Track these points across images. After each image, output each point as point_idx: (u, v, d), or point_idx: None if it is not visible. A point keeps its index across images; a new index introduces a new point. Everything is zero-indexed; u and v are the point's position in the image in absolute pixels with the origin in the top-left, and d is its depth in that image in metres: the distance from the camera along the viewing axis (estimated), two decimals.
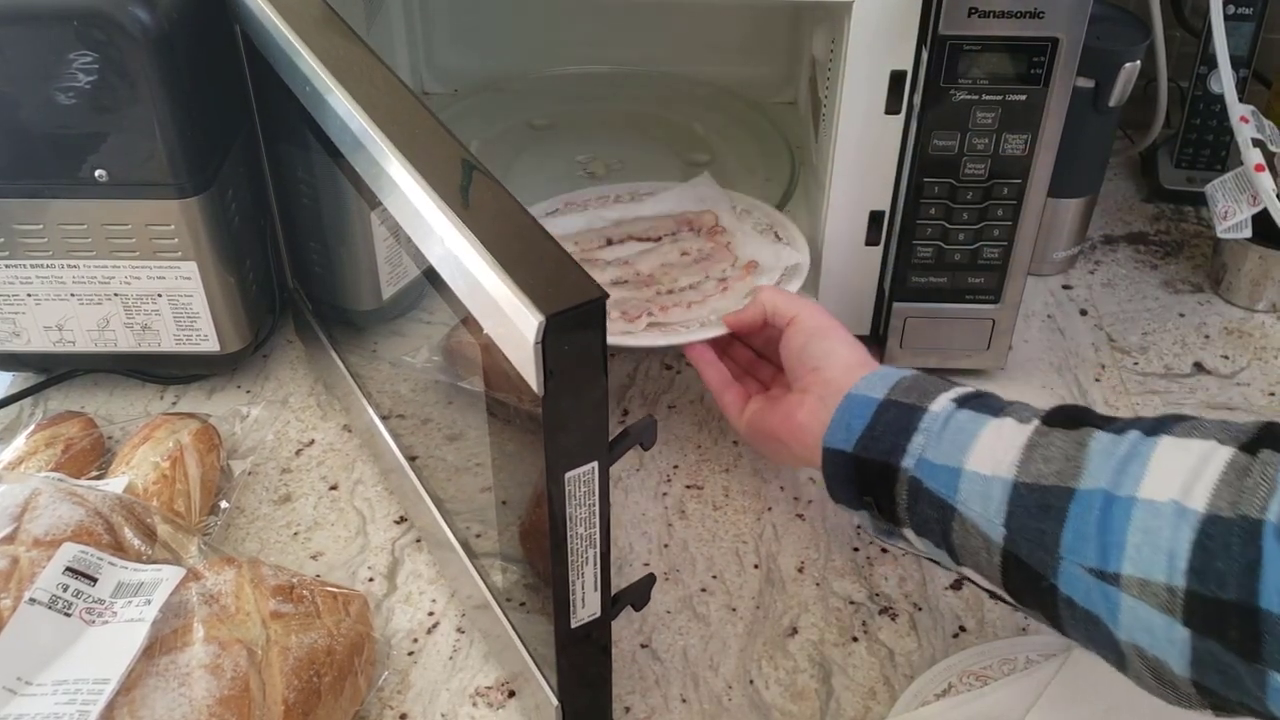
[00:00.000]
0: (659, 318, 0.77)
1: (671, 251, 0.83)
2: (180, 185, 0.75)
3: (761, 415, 0.69)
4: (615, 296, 0.77)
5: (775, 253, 0.82)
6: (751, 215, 0.87)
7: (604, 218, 0.86)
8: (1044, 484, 0.52)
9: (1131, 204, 1.07)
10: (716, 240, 0.84)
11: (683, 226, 0.85)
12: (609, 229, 0.85)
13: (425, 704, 0.65)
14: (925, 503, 0.57)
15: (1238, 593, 0.45)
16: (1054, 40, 0.70)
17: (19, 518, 0.64)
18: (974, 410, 0.58)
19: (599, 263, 0.82)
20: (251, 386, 0.87)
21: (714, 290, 0.79)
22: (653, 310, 0.77)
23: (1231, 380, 0.88)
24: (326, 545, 0.75)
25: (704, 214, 0.86)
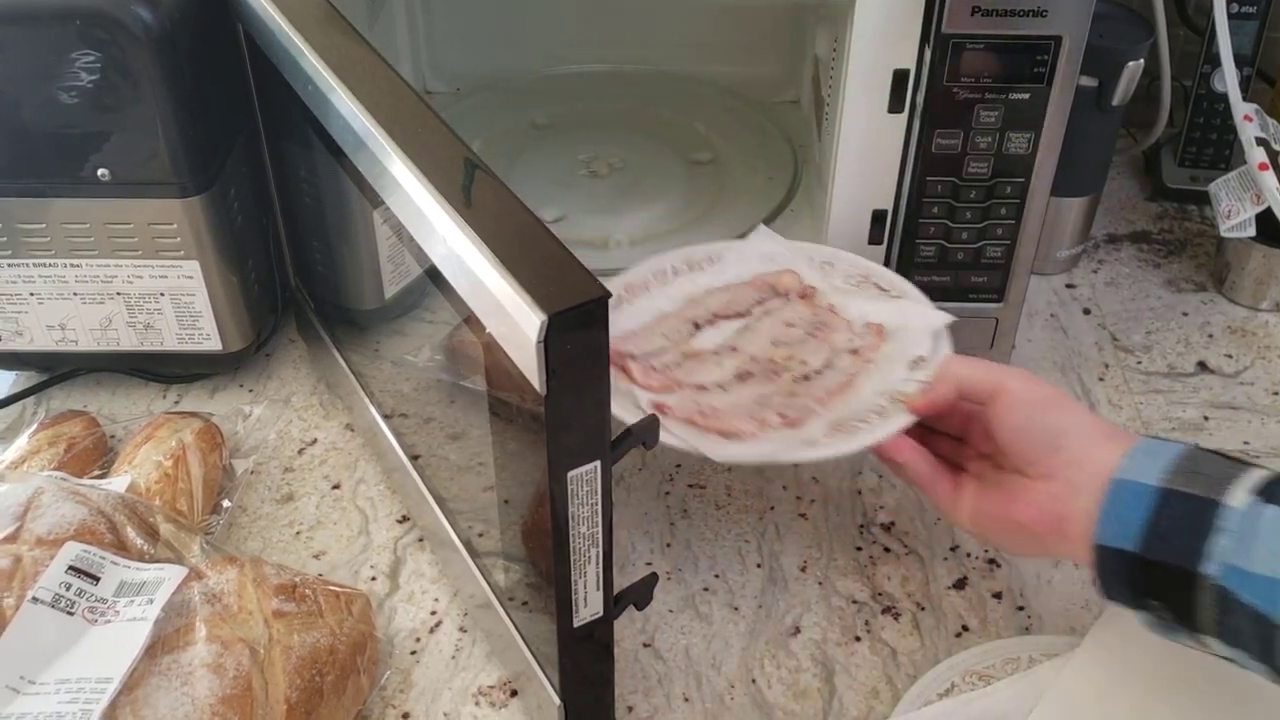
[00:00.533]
0: (827, 414, 0.67)
1: (774, 326, 0.74)
2: (183, 184, 0.75)
3: (994, 506, 0.62)
4: (753, 394, 0.69)
5: (896, 310, 0.73)
6: (836, 267, 0.78)
7: (672, 298, 0.76)
8: None
9: (1135, 203, 1.07)
10: (814, 305, 0.75)
11: (766, 293, 0.76)
12: (687, 311, 0.75)
13: (428, 703, 0.65)
14: (1240, 616, 0.51)
15: None
16: (1057, 39, 0.70)
17: (22, 517, 0.64)
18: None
19: (704, 356, 0.72)
20: (254, 385, 0.87)
21: (854, 366, 0.70)
22: (815, 408, 0.68)
23: (1235, 379, 0.88)
24: (329, 544, 0.75)
25: (783, 274, 0.77)
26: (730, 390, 0.69)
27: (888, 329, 0.72)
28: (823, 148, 0.87)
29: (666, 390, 0.69)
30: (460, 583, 0.70)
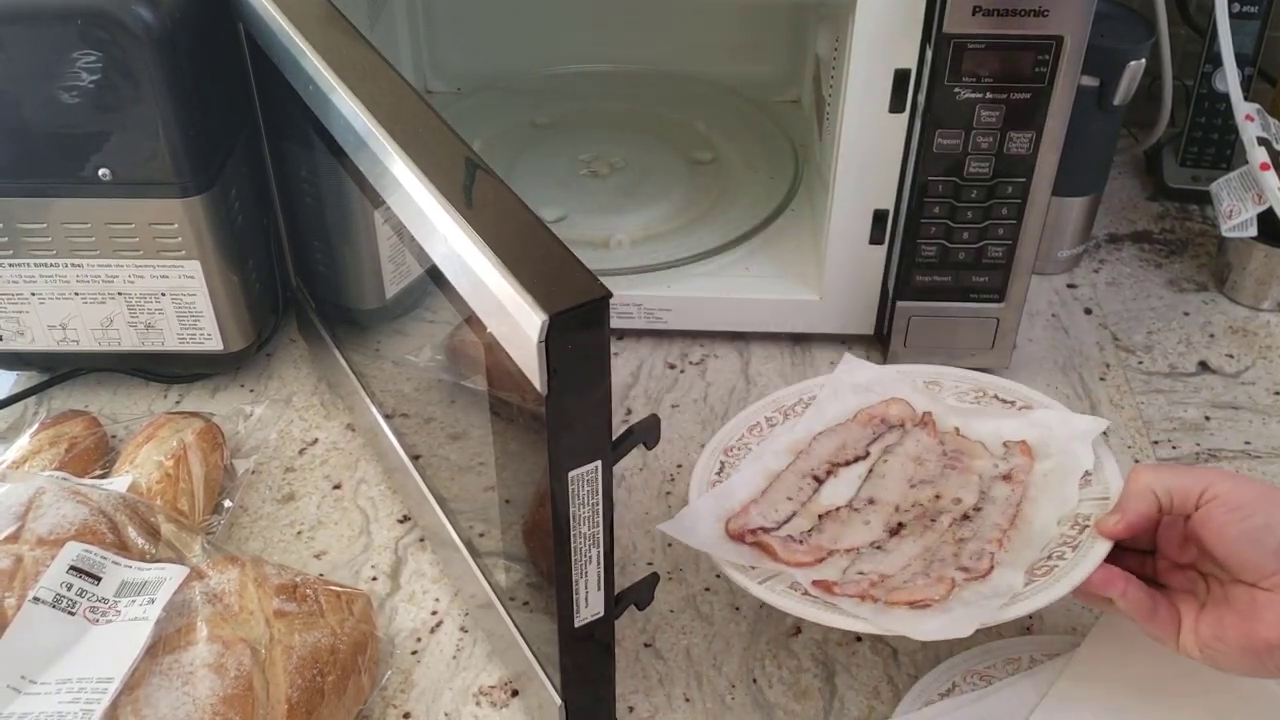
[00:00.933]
0: (1010, 557, 0.62)
1: (903, 464, 0.68)
2: (184, 184, 0.75)
3: (1230, 630, 0.54)
4: (916, 549, 0.63)
5: (1034, 423, 0.68)
6: (943, 385, 0.72)
7: (776, 452, 0.70)
8: None
9: (1136, 202, 1.07)
10: (937, 432, 0.70)
11: (879, 427, 0.71)
12: (799, 464, 0.69)
13: (429, 703, 0.65)
14: None
15: None
16: (1058, 38, 0.70)
17: (23, 517, 0.64)
18: None
19: (841, 514, 0.66)
20: (255, 385, 0.87)
21: (1014, 494, 0.65)
22: (994, 551, 0.62)
23: (1236, 379, 0.87)
24: (330, 544, 0.75)
25: (890, 404, 0.72)
26: (890, 549, 0.64)
27: (1034, 444, 0.67)
28: (824, 147, 0.88)
29: (818, 561, 0.63)
30: (461, 583, 0.70)
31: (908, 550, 0.63)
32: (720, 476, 0.69)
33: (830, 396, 0.73)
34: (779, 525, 0.66)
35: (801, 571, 0.63)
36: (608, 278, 0.47)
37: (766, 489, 0.68)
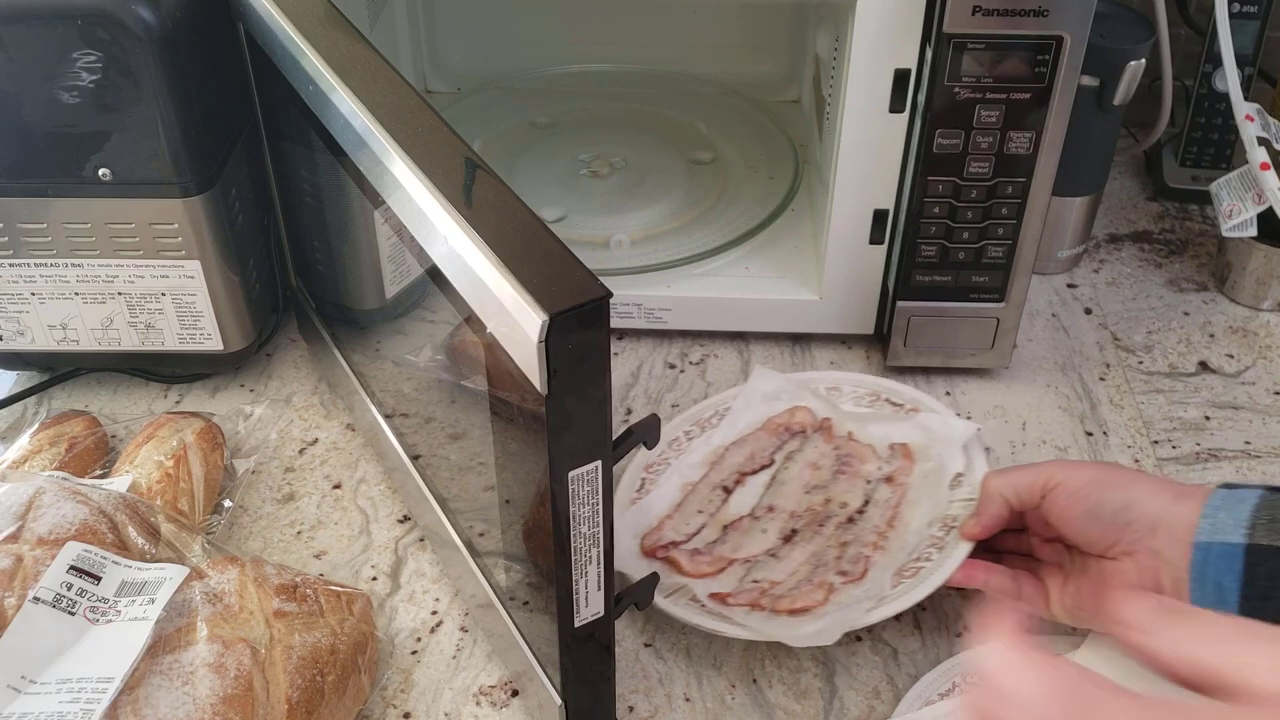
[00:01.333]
0: (885, 558, 0.67)
1: (801, 470, 0.73)
2: (184, 184, 0.75)
3: (1087, 598, 0.60)
4: (805, 555, 0.68)
5: (917, 425, 0.73)
6: (843, 390, 0.78)
7: (692, 464, 0.75)
8: None
9: (1136, 202, 1.07)
10: (833, 436, 0.74)
11: (783, 435, 0.75)
12: (712, 475, 0.74)
13: (429, 703, 0.65)
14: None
15: None
16: (1058, 38, 0.70)
17: (23, 516, 0.64)
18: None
19: (743, 523, 0.71)
20: (255, 385, 0.87)
21: (893, 495, 0.70)
22: (871, 554, 0.67)
23: (1236, 379, 0.87)
24: (330, 544, 0.75)
25: (794, 411, 0.76)
26: (782, 556, 0.69)
27: (915, 448, 0.72)
28: (824, 147, 0.87)
29: (719, 572, 0.69)
30: (461, 582, 0.70)
31: (797, 557, 0.68)
32: (640, 494, 0.74)
33: (743, 407, 0.78)
34: (689, 538, 0.71)
35: (702, 583, 0.68)
36: (608, 278, 0.47)
37: (681, 502, 0.73)
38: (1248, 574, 0.52)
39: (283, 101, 0.66)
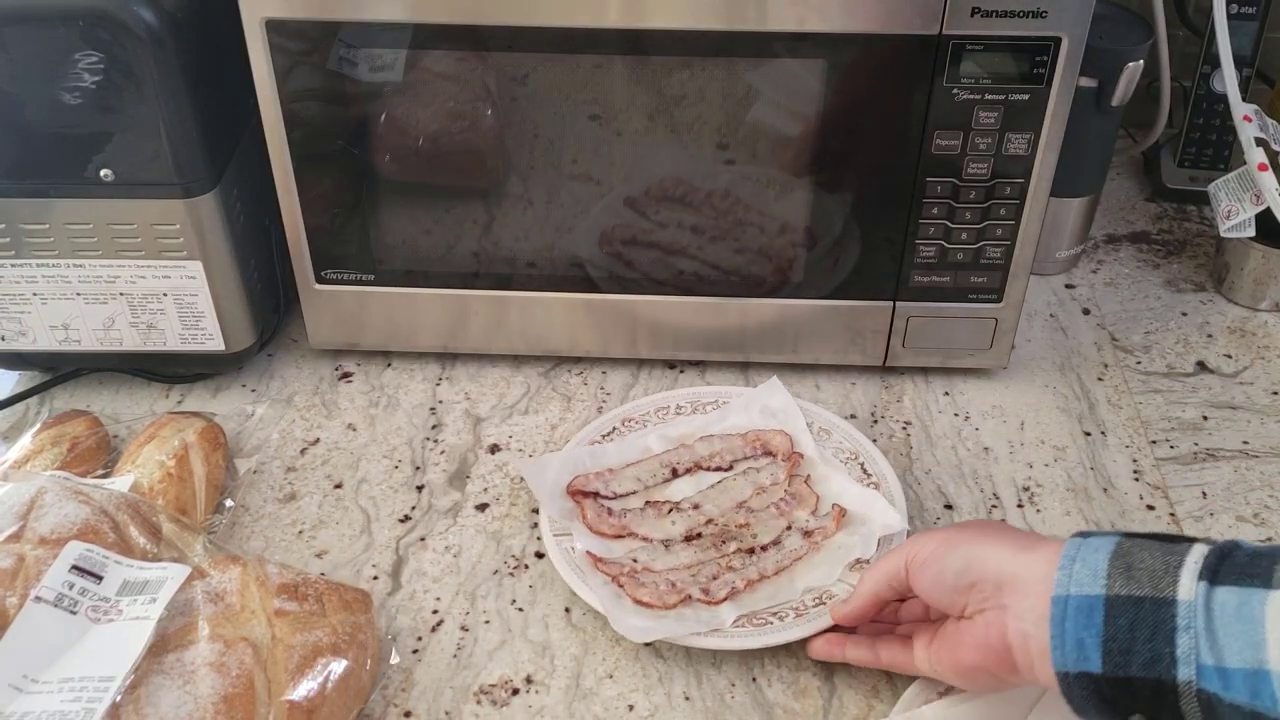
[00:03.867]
0: (747, 597, 0.68)
1: (744, 487, 0.75)
2: (185, 185, 0.75)
3: (944, 656, 0.60)
4: (688, 560, 0.70)
5: (865, 499, 0.73)
6: (831, 436, 0.79)
7: (666, 437, 0.78)
8: None
9: (1134, 203, 1.07)
10: (795, 472, 0.76)
11: (756, 449, 0.78)
12: (674, 454, 0.77)
13: (429, 702, 0.66)
14: (1229, 713, 0.47)
15: None
16: (1057, 40, 0.70)
17: (25, 516, 0.64)
18: (1236, 586, 0.48)
19: (663, 507, 0.74)
20: (256, 385, 0.87)
21: (800, 549, 0.71)
22: (740, 588, 0.68)
23: (1234, 379, 0.88)
24: (331, 543, 0.75)
25: (775, 434, 0.78)
26: (672, 550, 0.71)
27: (849, 517, 0.73)
28: None
29: (614, 538, 0.72)
30: None
31: (682, 558, 0.70)
32: (607, 439, 0.79)
33: (741, 407, 0.81)
34: (615, 497, 0.74)
35: (590, 539, 0.71)
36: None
37: (631, 464, 0.77)
38: (1106, 627, 0.50)
39: None
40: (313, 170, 0.78)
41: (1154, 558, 0.50)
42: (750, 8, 0.70)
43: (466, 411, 0.85)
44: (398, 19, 0.71)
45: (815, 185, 0.78)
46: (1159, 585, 0.49)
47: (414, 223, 0.81)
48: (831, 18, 0.70)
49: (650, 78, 0.74)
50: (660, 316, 0.85)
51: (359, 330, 0.86)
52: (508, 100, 0.76)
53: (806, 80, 0.73)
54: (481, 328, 0.86)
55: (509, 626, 0.69)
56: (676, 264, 0.82)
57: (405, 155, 0.78)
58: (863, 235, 0.80)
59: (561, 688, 0.66)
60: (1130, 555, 0.51)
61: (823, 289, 0.82)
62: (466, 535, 0.75)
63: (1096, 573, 0.51)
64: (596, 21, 0.71)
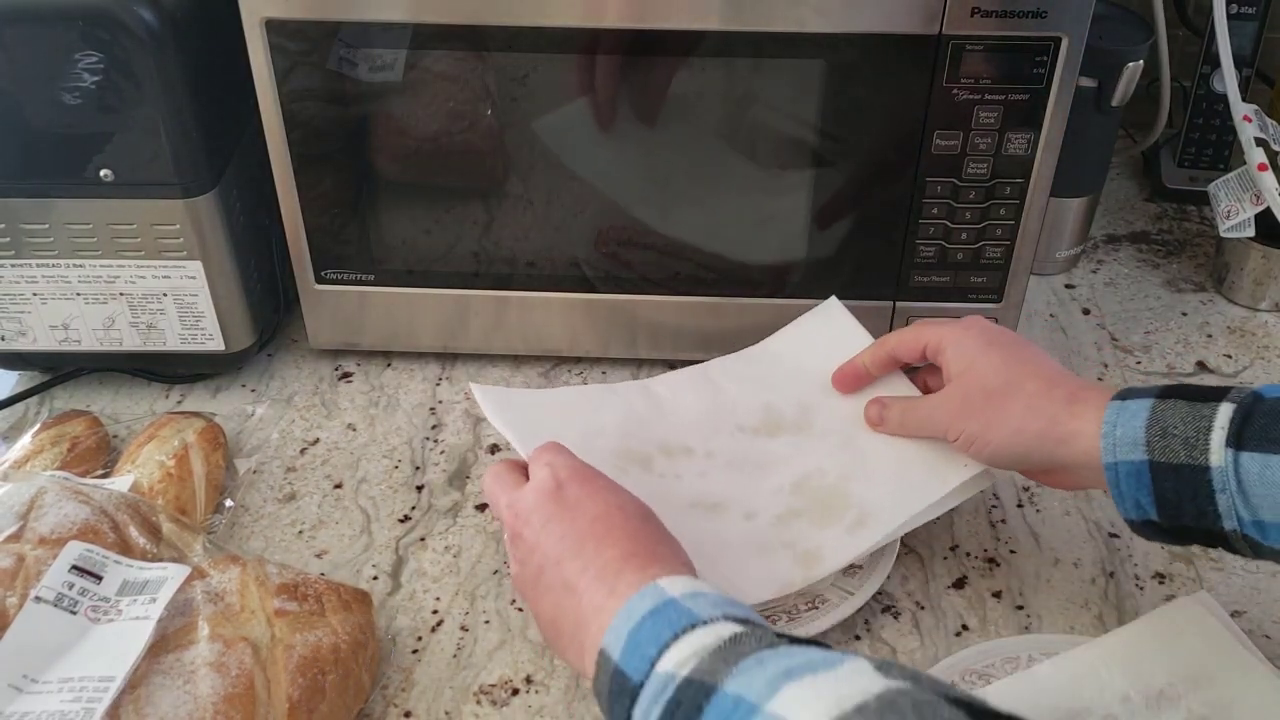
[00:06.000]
0: None
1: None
2: (185, 185, 0.75)
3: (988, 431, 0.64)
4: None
5: None
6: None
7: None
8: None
9: (1134, 203, 1.07)
10: None
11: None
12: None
13: (429, 702, 0.66)
14: (1271, 554, 0.56)
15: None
16: (1057, 40, 0.70)
17: (25, 516, 0.64)
18: (1258, 452, 0.53)
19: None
20: (256, 385, 0.87)
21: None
22: None
23: (1234, 379, 0.88)
24: (331, 543, 0.75)
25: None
26: None
27: None
28: None
29: None
30: None
31: None
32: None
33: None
34: None
35: None
36: None
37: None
38: (1157, 488, 0.56)
39: None
40: (312, 170, 0.78)
41: (1185, 423, 0.55)
42: (750, 8, 0.70)
43: (466, 411, 0.85)
44: (398, 19, 0.71)
45: (815, 185, 0.78)
46: (1193, 452, 0.54)
47: (414, 223, 0.81)
48: (831, 18, 0.70)
49: (650, 78, 0.74)
50: (660, 316, 0.85)
51: (359, 330, 0.87)
52: (508, 100, 0.76)
53: (806, 80, 0.73)
54: (481, 328, 0.86)
55: (509, 626, 0.69)
56: (675, 264, 0.82)
57: (405, 155, 0.78)
58: (863, 235, 0.80)
59: (561, 688, 0.66)
60: (1165, 419, 0.56)
61: (823, 289, 0.82)
62: (466, 535, 0.75)
63: (1136, 440, 0.56)
64: (596, 21, 0.71)
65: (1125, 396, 0.58)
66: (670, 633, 0.48)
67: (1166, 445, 0.55)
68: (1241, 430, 0.54)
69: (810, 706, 0.41)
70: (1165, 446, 0.55)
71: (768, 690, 0.42)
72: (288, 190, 0.79)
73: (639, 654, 0.48)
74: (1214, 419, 0.55)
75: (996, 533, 0.75)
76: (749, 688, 0.43)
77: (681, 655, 0.47)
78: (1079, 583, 0.72)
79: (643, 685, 0.47)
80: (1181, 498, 0.55)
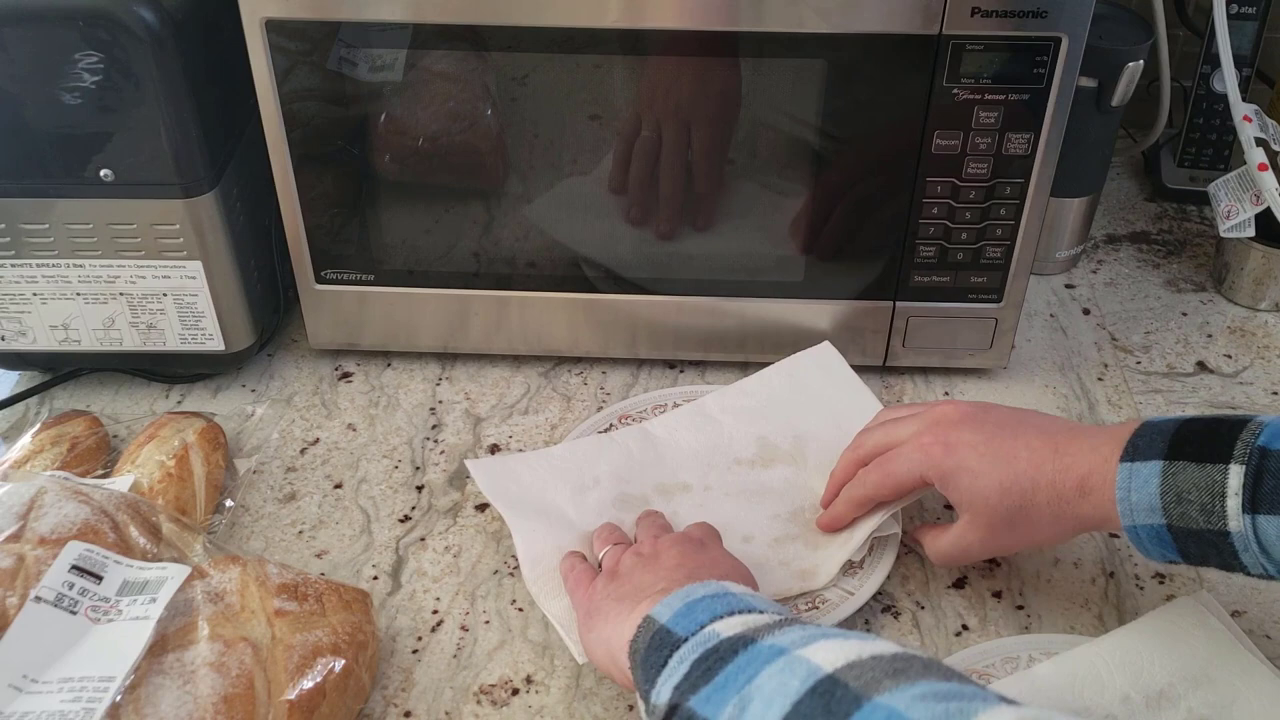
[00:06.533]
0: None
1: None
2: (185, 185, 0.75)
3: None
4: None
5: None
6: None
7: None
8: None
9: (1134, 203, 1.07)
10: None
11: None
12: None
13: (429, 702, 0.66)
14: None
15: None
16: (1057, 40, 0.70)
17: (25, 516, 0.64)
18: (1271, 515, 0.54)
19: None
20: (256, 385, 0.87)
21: None
22: None
23: (1234, 379, 0.88)
24: (331, 543, 0.75)
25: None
26: None
27: None
28: None
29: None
30: None
31: None
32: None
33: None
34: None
35: None
36: None
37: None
38: (1179, 546, 0.57)
39: None
40: (312, 170, 0.78)
41: (1198, 489, 0.55)
42: (750, 8, 0.70)
43: (466, 411, 0.85)
44: (398, 19, 0.71)
45: (815, 185, 0.78)
46: (1210, 519, 0.55)
47: (414, 223, 0.81)
48: (831, 18, 0.70)
49: (650, 78, 0.74)
50: (660, 316, 0.85)
51: (359, 330, 0.87)
52: (508, 100, 0.76)
53: (806, 80, 0.73)
54: (481, 328, 0.86)
55: (509, 626, 0.69)
56: (675, 264, 0.82)
57: (405, 155, 0.78)
58: (863, 235, 0.80)
59: (561, 688, 0.66)
60: (1177, 484, 0.56)
61: (823, 289, 0.82)
62: (466, 535, 0.75)
63: (1152, 507, 0.56)
64: (596, 21, 0.71)
65: (1132, 456, 0.57)
66: (725, 609, 0.52)
67: (1183, 512, 0.56)
68: (1255, 494, 0.54)
69: (833, 652, 0.46)
70: (1182, 513, 0.56)
71: (802, 642, 0.47)
72: (288, 190, 0.79)
73: (690, 619, 0.52)
74: (1226, 484, 0.55)
75: None
76: (786, 640, 0.48)
77: (732, 626, 0.51)
78: (1079, 583, 0.72)
79: (687, 639, 0.51)
80: (1206, 555, 0.56)
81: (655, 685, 0.51)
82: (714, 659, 0.49)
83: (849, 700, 0.43)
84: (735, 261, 0.82)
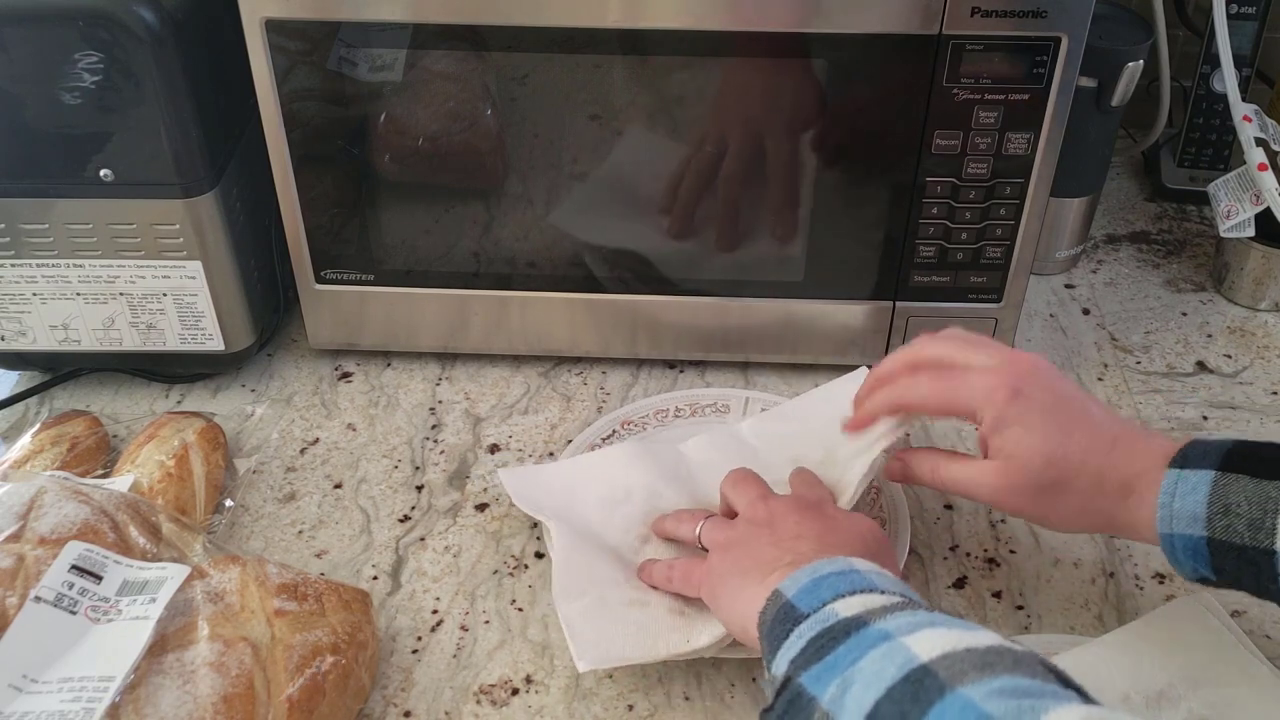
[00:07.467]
0: None
1: None
2: (185, 185, 0.75)
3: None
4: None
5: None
6: None
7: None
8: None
9: (1134, 203, 1.07)
10: None
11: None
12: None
13: (429, 701, 0.66)
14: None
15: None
16: (1056, 39, 0.70)
17: (25, 516, 0.64)
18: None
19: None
20: (256, 385, 0.87)
21: None
22: None
23: (1234, 379, 0.88)
24: (331, 543, 0.75)
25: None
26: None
27: None
28: None
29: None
30: None
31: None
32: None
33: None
34: None
35: None
36: None
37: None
38: (1215, 561, 0.55)
39: None
40: (312, 170, 0.78)
41: (1250, 503, 0.54)
42: (750, 8, 0.70)
43: (466, 411, 0.85)
44: (398, 19, 0.71)
45: (815, 185, 0.78)
46: (1257, 535, 0.53)
47: (414, 223, 0.81)
48: (831, 18, 0.70)
49: (650, 78, 0.74)
50: (660, 316, 0.85)
51: (359, 330, 0.87)
52: (508, 100, 0.76)
53: (806, 80, 0.73)
54: (481, 328, 0.86)
55: (509, 626, 0.70)
56: (676, 264, 0.82)
57: (405, 155, 0.78)
58: (863, 235, 0.80)
59: (561, 688, 0.66)
60: (1227, 495, 0.54)
61: (823, 289, 0.82)
62: (466, 535, 0.75)
63: (1196, 516, 0.55)
64: (596, 21, 0.71)
65: (1184, 463, 0.56)
66: (848, 588, 0.53)
67: (1229, 525, 0.54)
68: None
69: (933, 641, 0.47)
70: (1227, 526, 0.54)
71: (908, 629, 0.48)
72: (288, 190, 0.79)
73: (814, 596, 0.53)
74: (1277, 499, 0.54)
75: (996, 533, 0.75)
76: (894, 625, 0.49)
77: (851, 606, 0.51)
78: (1079, 583, 0.72)
79: (808, 615, 0.52)
80: (1242, 574, 0.55)
81: (775, 656, 0.52)
82: (828, 638, 0.50)
83: (935, 689, 0.44)
84: (735, 261, 0.82)
